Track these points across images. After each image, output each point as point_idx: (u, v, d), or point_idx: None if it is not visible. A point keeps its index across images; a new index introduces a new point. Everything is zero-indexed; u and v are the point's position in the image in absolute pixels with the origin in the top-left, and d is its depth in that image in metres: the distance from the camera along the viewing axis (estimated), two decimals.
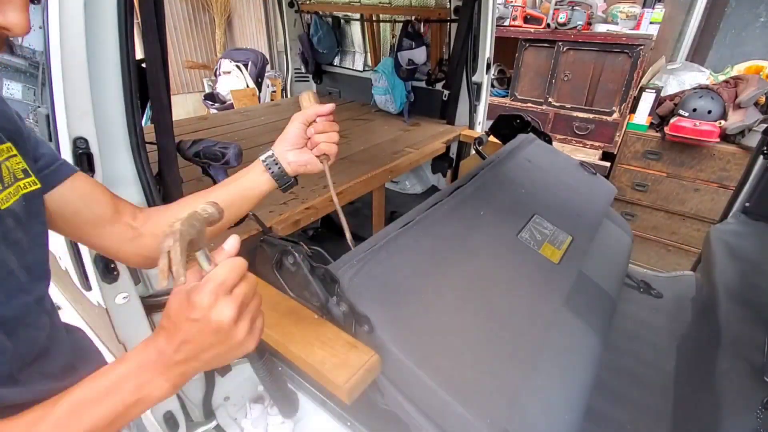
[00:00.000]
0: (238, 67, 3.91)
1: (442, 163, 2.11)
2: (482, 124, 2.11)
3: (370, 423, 1.00)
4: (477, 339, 0.87)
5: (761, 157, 1.51)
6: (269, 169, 0.71)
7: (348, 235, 0.78)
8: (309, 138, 0.71)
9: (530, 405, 0.83)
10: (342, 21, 2.55)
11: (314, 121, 0.71)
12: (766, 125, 1.58)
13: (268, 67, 4.31)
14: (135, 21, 0.75)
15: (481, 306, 0.95)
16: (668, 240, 2.60)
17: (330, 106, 0.71)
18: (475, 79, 2.01)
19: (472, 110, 2.06)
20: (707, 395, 0.96)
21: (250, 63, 4.03)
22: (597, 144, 2.63)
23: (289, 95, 2.93)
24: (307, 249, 0.86)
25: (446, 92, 2.08)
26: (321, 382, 0.75)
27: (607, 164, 2.54)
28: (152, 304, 0.94)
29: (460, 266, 1.02)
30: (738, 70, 2.45)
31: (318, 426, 1.13)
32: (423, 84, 2.21)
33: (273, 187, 0.73)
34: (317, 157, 0.72)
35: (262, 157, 0.71)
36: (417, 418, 0.79)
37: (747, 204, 1.57)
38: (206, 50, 4.84)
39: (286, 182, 0.73)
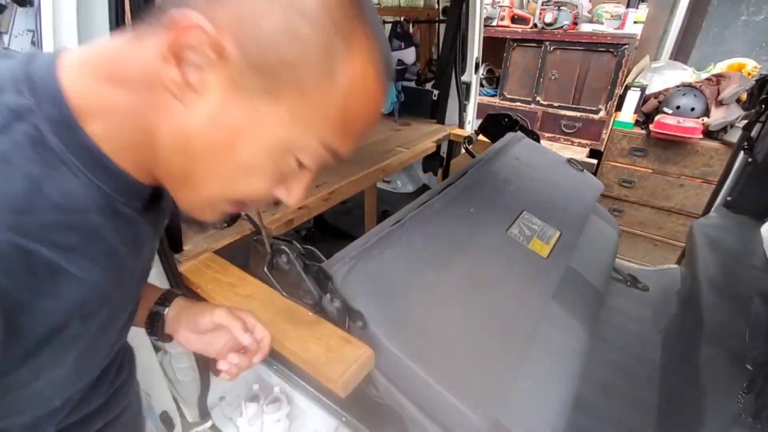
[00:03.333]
0: None
1: (433, 162, 2.14)
2: (472, 123, 2.13)
3: (365, 418, 1.02)
4: (469, 332, 0.90)
5: (742, 152, 1.56)
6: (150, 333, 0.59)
7: None
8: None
9: (521, 396, 0.86)
10: None
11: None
12: (746, 121, 1.63)
13: None
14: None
15: (473, 300, 0.97)
16: (655, 235, 2.65)
17: (264, 353, 0.60)
18: (464, 78, 2.03)
19: (462, 109, 2.08)
20: (691, 383, 0.99)
21: None
22: (584, 142, 2.67)
23: None
24: (300, 248, 0.87)
25: (436, 92, 2.10)
26: (316, 376, 0.76)
27: (595, 161, 2.58)
28: None
29: (451, 262, 1.04)
30: (720, 67, 2.50)
31: (313, 423, 1.14)
32: (413, 84, 2.23)
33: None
34: None
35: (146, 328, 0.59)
36: (411, 410, 0.81)
37: (729, 198, 1.62)
38: None
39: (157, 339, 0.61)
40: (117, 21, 0.72)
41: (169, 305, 0.59)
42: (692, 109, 2.27)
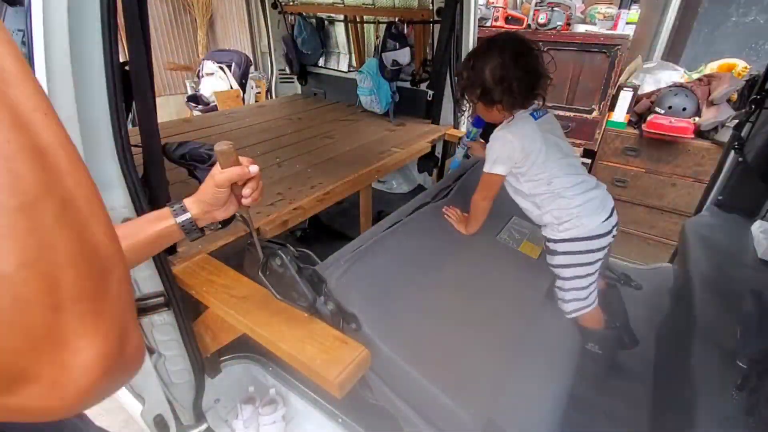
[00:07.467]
0: (221, 68, 3.88)
1: (428, 162, 2.14)
2: (466, 123, 2.14)
3: (361, 419, 1.02)
4: (461, 333, 0.90)
5: (732, 152, 1.57)
6: (183, 228, 0.67)
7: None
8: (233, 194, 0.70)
9: (513, 394, 0.86)
10: (326, 22, 2.55)
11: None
12: (737, 121, 1.64)
13: (252, 68, 4.28)
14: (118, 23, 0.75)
15: (465, 301, 0.97)
16: (648, 234, 2.68)
17: (256, 169, 0.68)
18: None
19: (457, 110, 2.09)
20: (684, 380, 1.00)
21: (233, 64, 3.99)
22: (578, 141, 2.69)
23: (273, 96, 2.92)
24: (294, 250, 0.87)
25: (431, 92, 2.10)
26: (312, 378, 0.76)
27: (588, 161, 2.60)
28: (141, 307, 0.93)
29: (443, 264, 1.05)
30: (711, 68, 2.53)
31: (309, 425, 1.14)
32: (408, 84, 2.23)
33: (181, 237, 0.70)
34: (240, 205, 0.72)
35: (179, 220, 0.67)
36: (405, 410, 0.81)
37: (720, 197, 1.63)
38: (188, 51, 4.78)
39: (196, 236, 0.71)
40: (109, 22, 0.71)
41: (187, 210, 0.68)
42: (684, 109, 2.29)
